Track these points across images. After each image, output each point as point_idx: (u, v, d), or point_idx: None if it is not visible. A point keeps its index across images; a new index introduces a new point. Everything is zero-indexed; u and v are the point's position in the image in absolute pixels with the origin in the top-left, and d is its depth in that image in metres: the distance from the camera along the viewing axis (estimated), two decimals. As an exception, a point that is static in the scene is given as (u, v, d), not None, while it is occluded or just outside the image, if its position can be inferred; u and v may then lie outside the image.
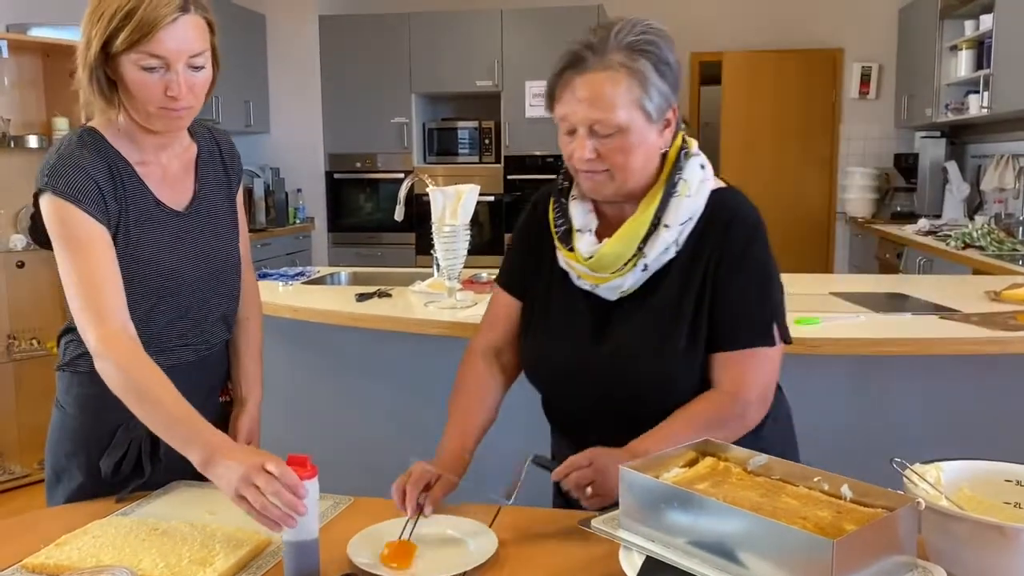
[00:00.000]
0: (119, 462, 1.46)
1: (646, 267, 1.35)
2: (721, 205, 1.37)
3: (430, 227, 2.66)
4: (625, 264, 1.34)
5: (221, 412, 1.60)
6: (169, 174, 1.47)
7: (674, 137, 1.38)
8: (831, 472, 1.09)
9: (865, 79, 6.28)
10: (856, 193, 6.18)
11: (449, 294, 2.66)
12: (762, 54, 6.29)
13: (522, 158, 5.98)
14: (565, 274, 1.43)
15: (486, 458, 1.45)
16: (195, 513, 1.37)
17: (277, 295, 2.90)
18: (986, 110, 4.73)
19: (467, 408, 1.48)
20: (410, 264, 5.97)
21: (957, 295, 2.59)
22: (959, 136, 5.78)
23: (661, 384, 1.36)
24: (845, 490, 1.06)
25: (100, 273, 1.34)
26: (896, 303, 2.57)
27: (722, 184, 1.41)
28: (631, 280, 1.36)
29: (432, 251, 2.74)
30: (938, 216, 5.45)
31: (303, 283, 3.19)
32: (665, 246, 1.34)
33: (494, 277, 1.58)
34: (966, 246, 4.26)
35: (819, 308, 2.37)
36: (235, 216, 1.58)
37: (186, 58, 1.32)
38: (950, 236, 4.49)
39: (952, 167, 5.45)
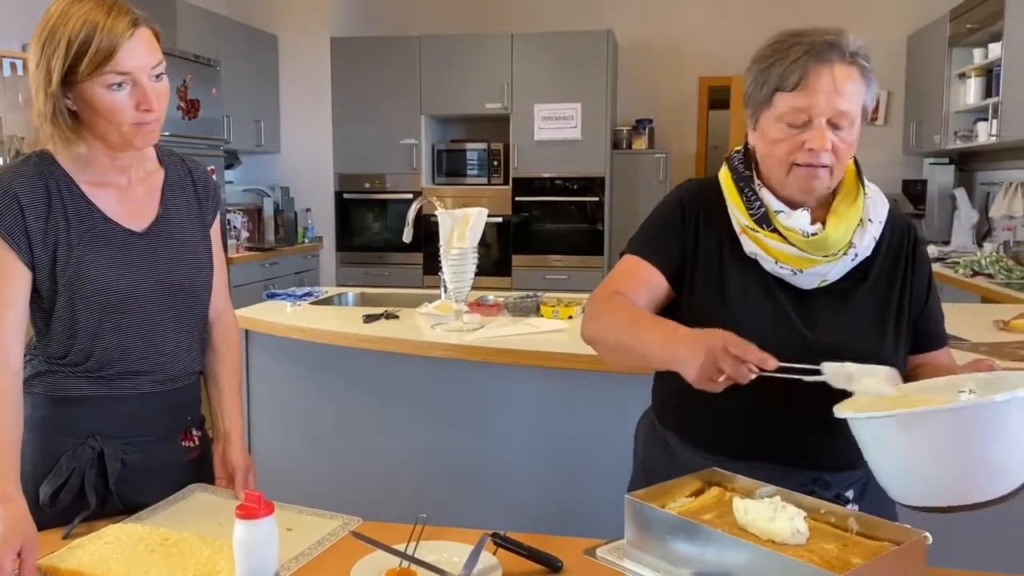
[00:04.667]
0: (58, 490, 1.41)
1: (856, 256, 1.38)
2: (897, 216, 1.45)
3: (438, 247, 2.67)
4: (841, 250, 1.36)
5: (180, 455, 1.56)
6: (129, 196, 1.47)
7: None
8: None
9: (874, 105, 6.28)
10: (864, 218, 6.15)
11: (456, 316, 2.66)
12: (771, 79, 6.31)
13: (530, 180, 6.00)
14: (752, 262, 1.39)
15: (485, 484, 1.43)
16: (206, 525, 1.37)
17: (285, 315, 2.91)
18: (995, 138, 4.73)
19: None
20: (417, 283, 5.98)
21: (965, 324, 2.58)
22: (968, 163, 5.78)
23: None
24: (851, 523, 1.06)
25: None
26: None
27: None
28: (839, 268, 1.37)
29: (439, 272, 2.75)
30: (947, 243, 5.44)
31: (311, 303, 3.20)
32: (872, 240, 1.38)
33: (626, 249, 1.47)
34: (975, 274, 4.25)
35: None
36: (208, 246, 1.57)
37: (149, 70, 1.35)
38: (959, 263, 4.48)
39: (961, 194, 5.44)
